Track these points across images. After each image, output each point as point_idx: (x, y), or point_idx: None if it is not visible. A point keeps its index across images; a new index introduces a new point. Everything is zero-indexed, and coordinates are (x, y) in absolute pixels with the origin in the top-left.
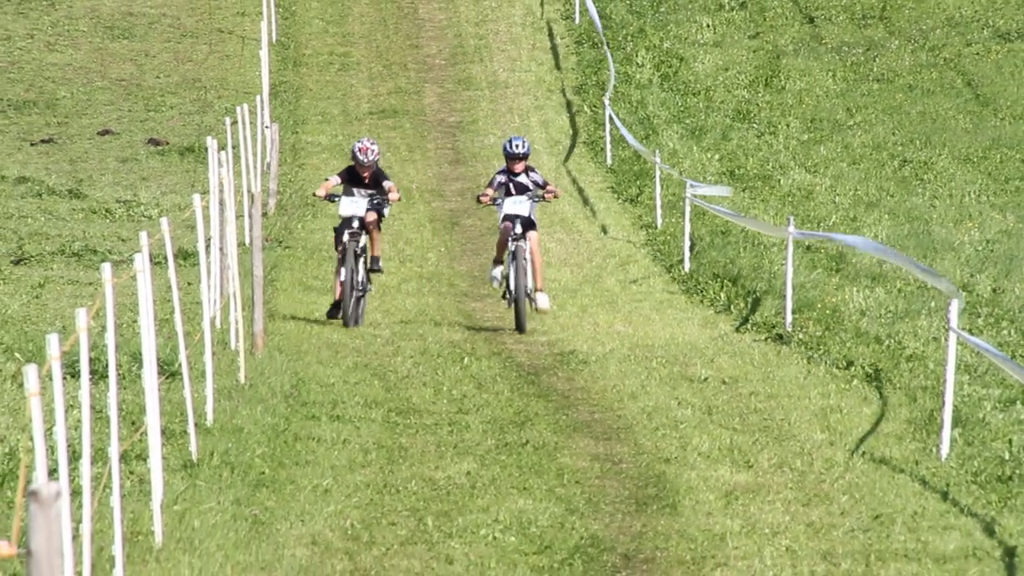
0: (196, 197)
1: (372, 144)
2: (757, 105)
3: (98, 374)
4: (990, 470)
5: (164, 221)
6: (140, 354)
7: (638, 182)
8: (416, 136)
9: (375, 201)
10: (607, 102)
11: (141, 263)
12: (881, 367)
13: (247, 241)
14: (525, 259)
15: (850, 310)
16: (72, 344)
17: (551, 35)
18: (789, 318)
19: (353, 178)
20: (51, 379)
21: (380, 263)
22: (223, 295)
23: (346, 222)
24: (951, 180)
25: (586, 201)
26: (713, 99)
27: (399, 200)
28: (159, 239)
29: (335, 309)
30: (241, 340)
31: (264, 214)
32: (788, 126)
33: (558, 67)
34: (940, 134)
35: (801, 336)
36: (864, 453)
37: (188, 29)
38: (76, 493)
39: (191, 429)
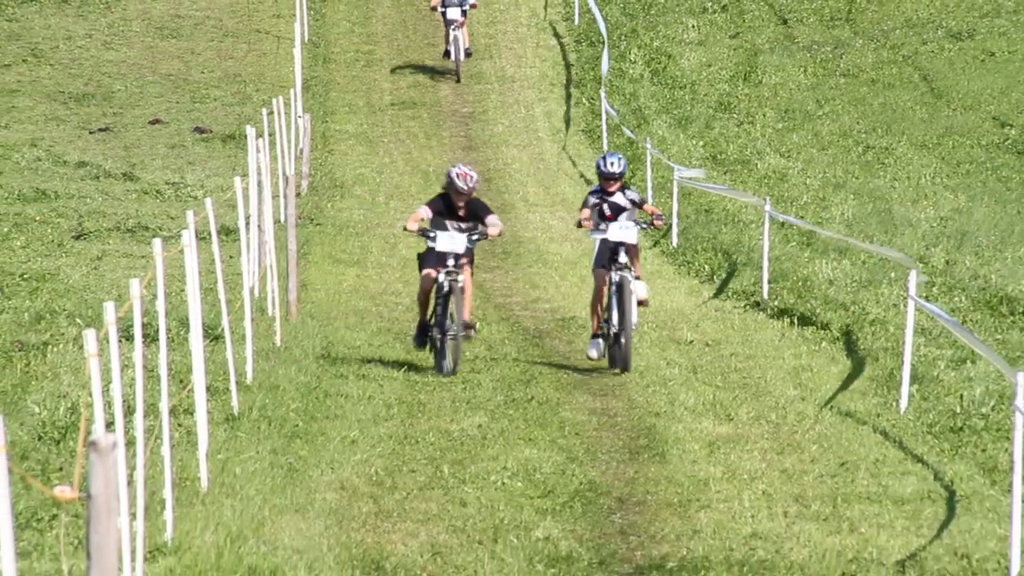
0: (237, 179)
1: (472, 171)
2: (737, 97)
3: (150, 337)
4: (943, 422)
5: (208, 201)
6: (187, 319)
7: (632, 166)
8: (433, 125)
9: (474, 237)
10: (604, 95)
11: (188, 238)
12: (847, 331)
13: (282, 219)
14: (631, 291)
15: (819, 280)
16: (126, 311)
17: (554, 35)
18: (766, 287)
19: (447, 208)
20: (108, 342)
21: (473, 327)
22: (261, 267)
23: (437, 257)
24: (909, 164)
25: (588, 183)
26: (697, 92)
27: (500, 235)
28: (204, 217)
29: (420, 337)
30: (277, 307)
31: (297, 195)
32: (764, 116)
33: (563, 63)
34: (899, 123)
35: (776, 303)
36: (832, 407)
37: (229, 29)
38: (130, 443)
39: (233, 386)
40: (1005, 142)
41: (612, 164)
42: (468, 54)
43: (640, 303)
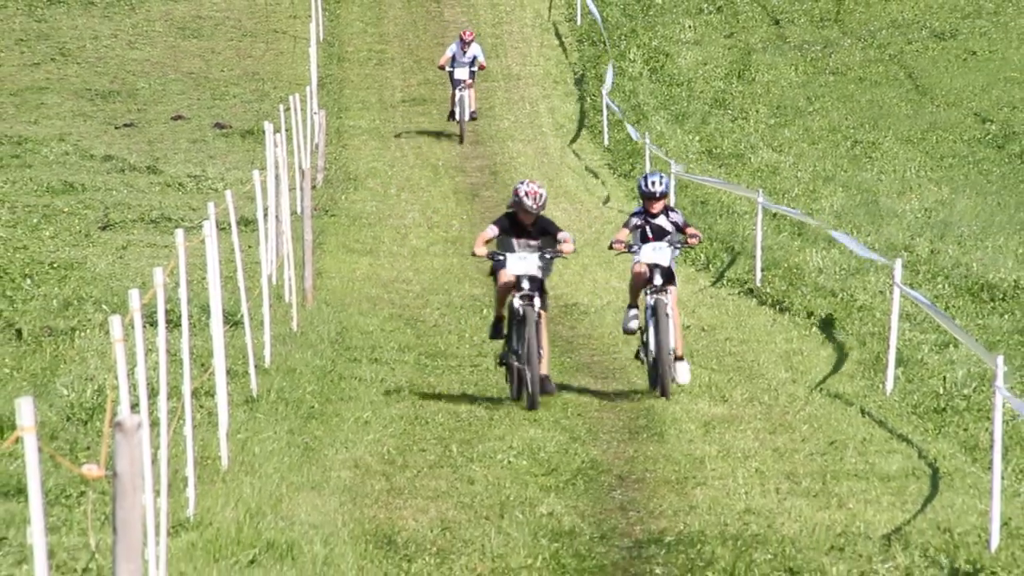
0: (255, 173)
1: (540, 187)
2: (731, 94)
3: (172, 323)
4: (927, 403)
5: (228, 193)
6: (208, 306)
7: (631, 160)
8: (441, 121)
9: (547, 255)
10: (605, 92)
11: (209, 229)
12: (836, 316)
13: (298, 210)
14: (667, 315)
15: (810, 268)
16: (150, 298)
17: (557, 35)
18: (759, 275)
19: (515, 227)
20: (133, 327)
21: (551, 382)
22: (278, 256)
23: (513, 280)
24: (895, 158)
25: (594, 175)
26: (694, 89)
27: (573, 252)
28: (224, 208)
29: (496, 330)
30: (294, 294)
31: (313, 187)
32: (757, 112)
33: (566, 60)
34: (885, 119)
35: (768, 290)
36: (821, 389)
37: (248, 30)
38: (154, 424)
39: (251, 370)
40: (986, 137)
41: (653, 184)
42: (473, 117)
43: (679, 383)
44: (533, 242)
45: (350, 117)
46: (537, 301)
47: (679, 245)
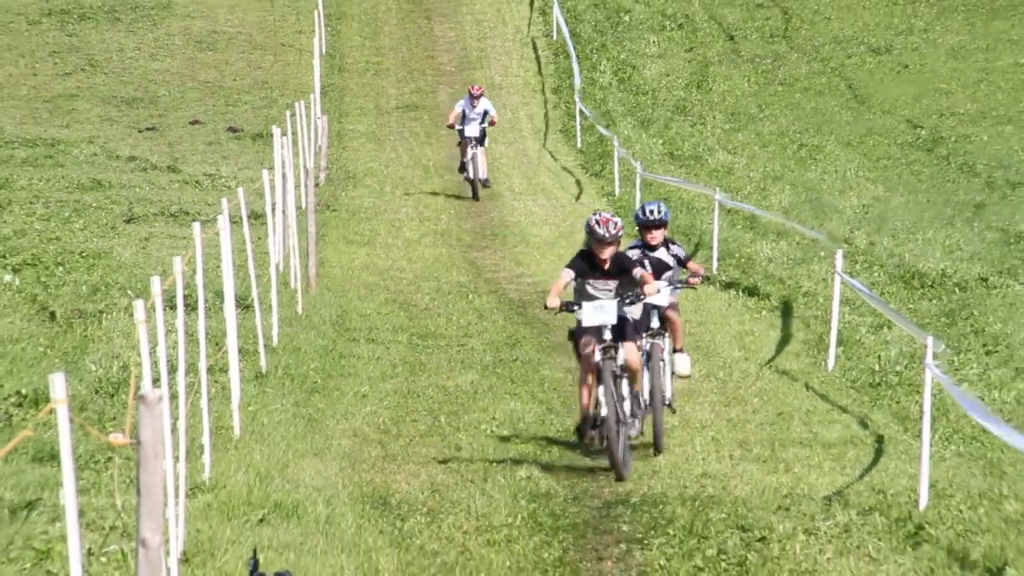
0: (264, 172)
1: (613, 215)
2: (691, 102)
3: (190, 307)
4: (864, 379)
5: (240, 190)
6: (222, 291)
7: (601, 160)
8: (432, 125)
9: (627, 299)
10: (578, 99)
11: (223, 222)
12: (784, 301)
13: (303, 205)
14: (663, 360)
15: (761, 258)
16: (170, 284)
17: (535, 48)
18: (715, 264)
19: (590, 266)
20: (154, 311)
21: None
22: (285, 247)
23: (586, 333)
24: (836, 160)
25: (569, 174)
26: (657, 98)
27: (657, 293)
28: (236, 204)
29: (583, 430)
30: (299, 281)
31: (316, 185)
32: (714, 118)
33: (540, 73)
34: (828, 125)
35: (724, 277)
36: (771, 366)
37: (258, 43)
38: (174, 397)
39: (261, 348)
40: (917, 141)
41: (652, 212)
42: (486, 185)
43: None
44: (612, 282)
45: (349, 122)
46: (622, 352)
47: (679, 285)
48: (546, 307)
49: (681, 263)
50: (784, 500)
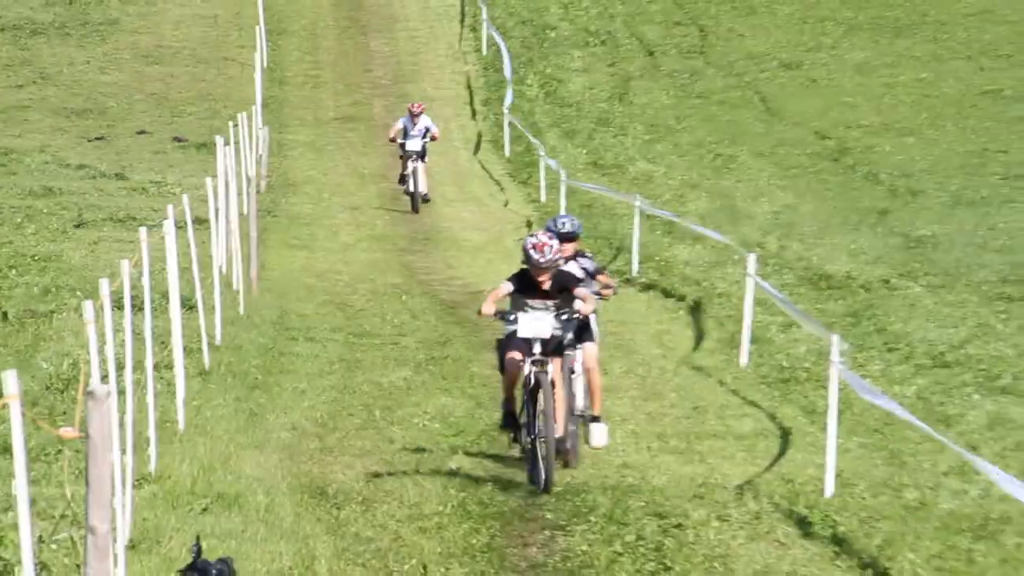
0: (208, 180)
1: (551, 238)
2: (613, 114)
3: (137, 307)
4: (774, 375)
5: (185, 197)
6: (167, 292)
7: (528, 169)
8: (368, 136)
9: (563, 317)
10: (506, 111)
11: (168, 227)
12: (699, 302)
13: (245, 211)
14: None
15: (678, 261)
16: (118, 286)
17: (465, 63)
18: (636, 267)
19: (529, 286)
20: (103, 311)
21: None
22: (227, 250)
23: (516, 344)
24: (749, 169)
25: (497, 183)
26: (582, 110)
27: (593, 312)
28: (181, 210)
29: (509, 420)
30: (241, 283)
31: (258, 192)
32: (635, 129)
33: (470, 86)
34: (742, 136)
35: (644, 280)
36: (687, 363)
37: (202, 57)
38: (121, 393)
39: (205, 347)
40: (825, 151)
41: (563, 224)
42: (426, 200)
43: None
44: (550, 301)
45: (289, 132)
46: (551, 367)
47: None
48: (480, 313)
49: (591, 276)
50: (699, 489)
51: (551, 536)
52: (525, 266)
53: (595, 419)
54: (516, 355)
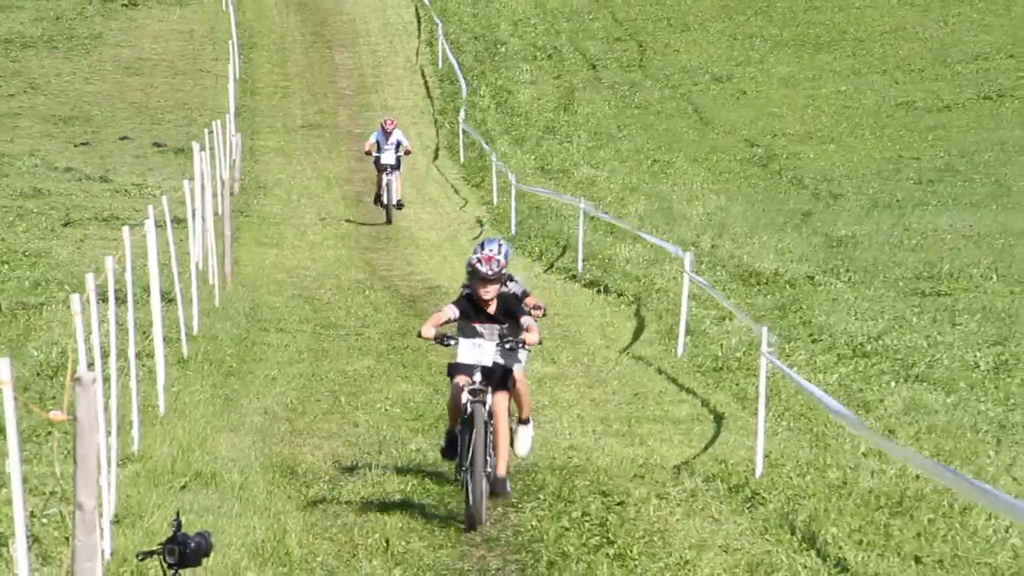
0: (186, 182)
1: (498, 252)
2: (559, 123)
3: (120, 300)
4: (708, 364)
5: (164, 198)
6: (148, 286)
7: (481, 174)
8: (333, 142)
9: (507, 345)
10: (461, 120)
11: (149, 226)
12: (639, 296)
13: (220, 212)
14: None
15: (620, 259)
16: (103, 280)
17: (423, 75)
18: (580, 264)
19: (475, 309)
20: (89, 303)
21: (505, 484)
22: (204, 248)
23: (462, 370)
24: (685, 173)
25: (452, 187)
26: (530, 119)
27: (538, 344)
28: (161, 210)
29: (451, 448)
30: (216, 278)
31: (231, 194)
32: (579, 137)
33: (428, 96)
34: (677, 143)
35: (588, 276)
36: (628, 353)
37: (180, 69)
38: (106, 379)
39: (183, 336)
40: (753, 158)
41: (492, 251)
42: (400, 206)
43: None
44: (497, 327)
45: (260, 138)
46: (489, 399)
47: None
48: (419, 335)
49: (519, 299)
50: (639, 469)
51: (503, 512)
52: (468, 290)
53: (524, 422)
54: (461, 380)
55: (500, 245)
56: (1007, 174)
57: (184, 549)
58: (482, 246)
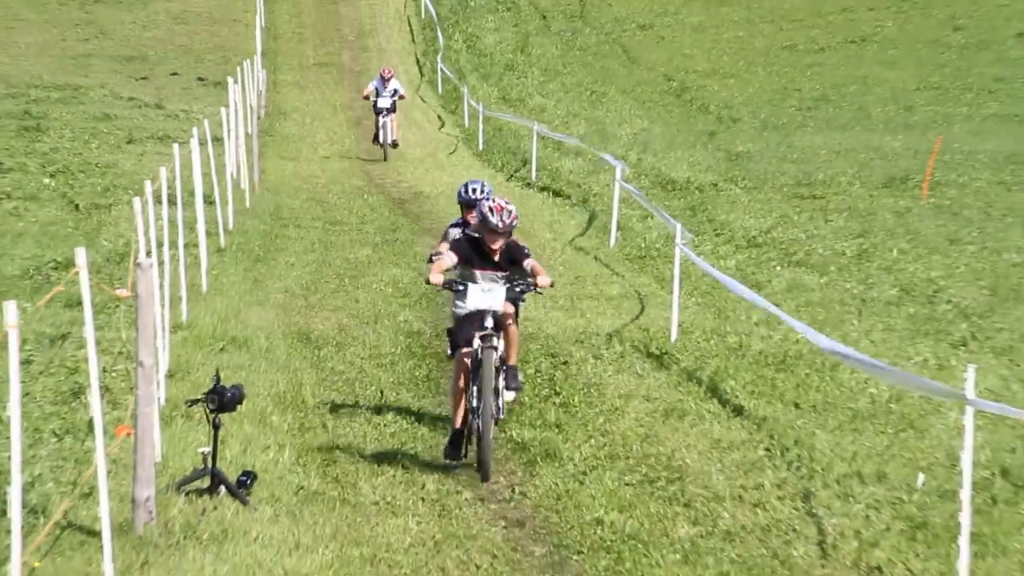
0: (223, 109)
1: (508, 202)
2: (517, 62)
3: (171, 202)
4: (634, 253)
5: (206, 121)
6: (194, 191)
7: (455, 102)
8: (339, 77)
9: (517, 287)
10: (439, 60)
11: (194, 144)
12: (582, 199)
13: (250, 132)
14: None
15: (565, 169)
16: (158, 186)
17: (409, 23)
18: (534, 174)
19: (478, 254)
20: (147, 204)
21: (520, 378)
22: (237, 161)
23: (471, 320)
24: (616, 102)
25: (433, 112)
26: (494, 59)
27: (551, 287)
28: (203, 131)
29: (454, 447)
30: (247, 184)
31: (258, 118)
32: (533, 74)
33: (413, 41)
34: (610, 79)
35: (540, 183)
36: (571, 244)
37: (217, 19)
38: (161, 263)
39: (221, 231)
40: (670, 90)
41: (475, 191)
42: (395, 145)
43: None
44: (501, 273)
45: (281, 74)
46: (500, 343)
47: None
48: (428, 282)
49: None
50: (580, 336)
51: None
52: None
53: (510, 368)
54: (476, 342)
55: (483, 186)
56: (868, 103)
57: (222, 398)
58: (465, 187)
